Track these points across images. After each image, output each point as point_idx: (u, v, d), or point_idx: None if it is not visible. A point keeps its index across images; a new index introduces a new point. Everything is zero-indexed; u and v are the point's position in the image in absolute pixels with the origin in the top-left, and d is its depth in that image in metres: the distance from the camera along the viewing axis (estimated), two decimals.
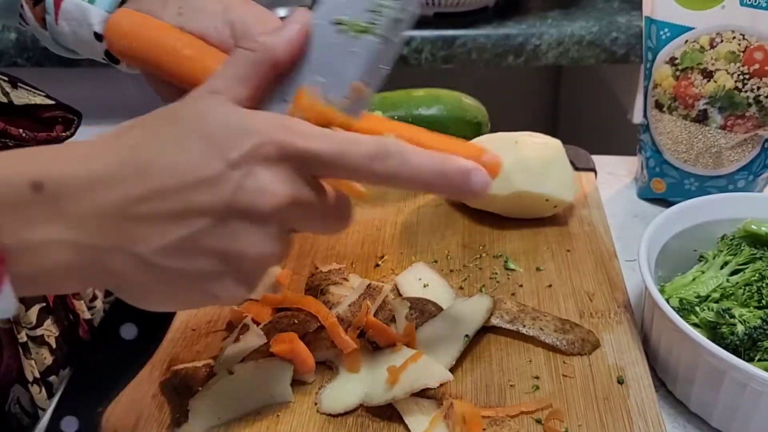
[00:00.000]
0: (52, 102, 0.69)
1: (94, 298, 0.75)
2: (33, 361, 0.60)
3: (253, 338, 0.54)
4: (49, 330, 0.62)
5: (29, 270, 0.34)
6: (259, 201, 0.36)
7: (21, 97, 0.66)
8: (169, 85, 0.51)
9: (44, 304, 0.62)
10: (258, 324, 0.56)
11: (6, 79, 0.66)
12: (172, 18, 0.51)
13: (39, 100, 0.67)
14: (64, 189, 0.34)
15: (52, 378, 0.63)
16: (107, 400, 0.45)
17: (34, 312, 0.61)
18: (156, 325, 0.44)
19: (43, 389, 0.60)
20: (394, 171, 0.39)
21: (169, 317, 0.44)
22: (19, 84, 0.66)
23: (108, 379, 0.45)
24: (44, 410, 0.57)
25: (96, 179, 0.35)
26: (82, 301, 0.72)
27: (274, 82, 0.42)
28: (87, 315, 0.73)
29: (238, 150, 0.36)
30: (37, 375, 0.61)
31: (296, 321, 0.56)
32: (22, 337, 0.60)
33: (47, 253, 0.34)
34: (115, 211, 0.35)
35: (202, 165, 0.35)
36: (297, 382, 0.53)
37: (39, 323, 0.61)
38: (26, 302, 0.61)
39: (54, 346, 0.64)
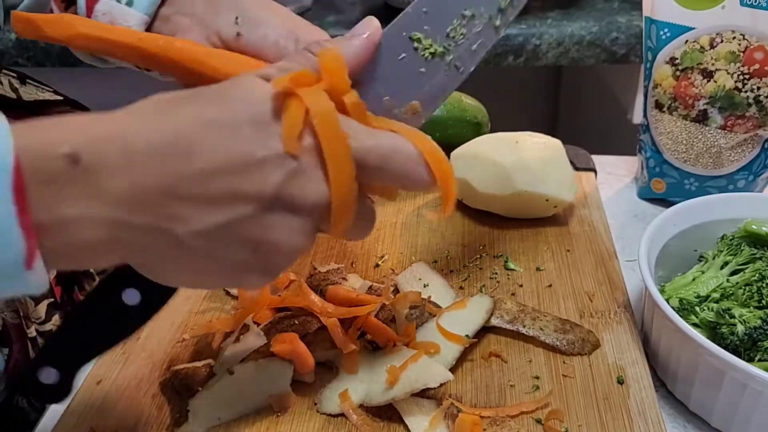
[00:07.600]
0: (60, 98, 0.69)
1: None
2: None
3: (253, 338, 0.54)
4: (57, 325, 0.62)
5: (59, 246, 0.32)
6: (306, 194, 0.35)
7: (29, 93, 0.66)
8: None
9: (52, 300, 0.63)
10: (258, 324, 0.56)
11: (14, 75, 0.66)
12: (227, 26, 0.50)
13: (47, 95, 0.67)
14: (102, 164, 0.32)
15: None
16: (93, 358, 0.44)
17: (42, 307, 0.61)
18: (160, 292, 0.42)
19: None
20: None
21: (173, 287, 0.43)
22: (28, 80, 0.66)
23: (102, 340, 0.43)
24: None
25: (137, 156, 0.33)
26: None
27: None
28: None
29: None
30: None
31: (296, 321, 0.56)
32: (31, 332, 0.60)
33: (80, 229, 0.32)
34: (157, 190, 0.33)
35: (256, 148, 0.34)
36: (297, 382, 0.53)
37: (47, 318, 0.62)
38: (35, 298, 0.61)
39: None
